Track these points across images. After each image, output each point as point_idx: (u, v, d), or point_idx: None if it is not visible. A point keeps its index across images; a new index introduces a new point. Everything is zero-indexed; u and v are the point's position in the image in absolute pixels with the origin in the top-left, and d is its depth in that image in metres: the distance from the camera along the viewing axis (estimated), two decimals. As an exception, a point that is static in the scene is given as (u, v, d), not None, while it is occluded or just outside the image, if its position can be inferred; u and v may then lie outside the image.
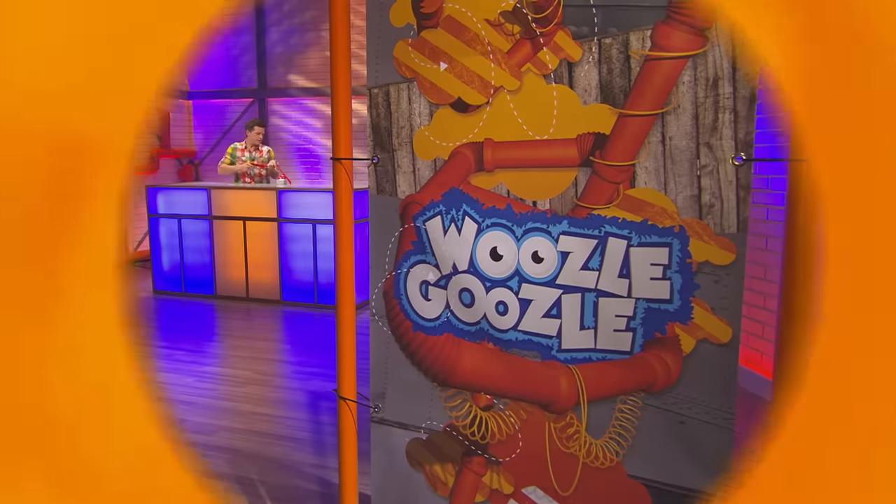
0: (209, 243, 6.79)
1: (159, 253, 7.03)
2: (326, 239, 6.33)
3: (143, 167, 8.80)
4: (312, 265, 6.43)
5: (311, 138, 9.03)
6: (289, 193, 6.46)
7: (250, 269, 6.70)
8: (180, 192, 6.88)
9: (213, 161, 9.61)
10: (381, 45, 1.71)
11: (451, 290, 1.68)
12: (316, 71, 8.87)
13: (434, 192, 1.68)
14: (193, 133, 9.67)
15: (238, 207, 6.65)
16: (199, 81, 9.52)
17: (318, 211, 6.33)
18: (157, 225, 6.98)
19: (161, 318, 6.31)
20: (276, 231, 6.52)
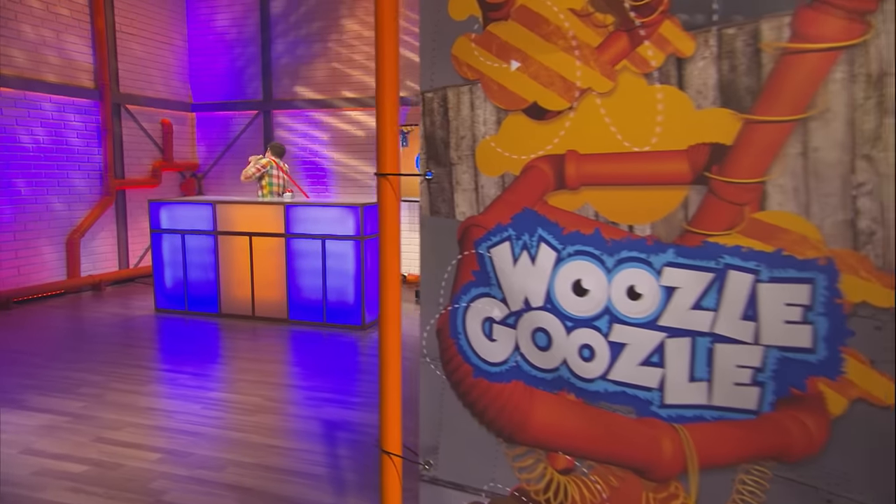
0: (214, 260, 6.49)
1: (162, 269, 6.73)
2: (336, 255, 6.05)
3: (145, 180, 8.53)
4: (321, 282, 6.14)
5: (317, 151, 8.77)
6: (297, 208, 6.18)
7: (256, 287, 6.41)
8: (184, 206, 6.60)
9: (216, 175, 9.33)
10: (437, 42, 1.44)
11: (521, 330, 1.40)
12: (322, 83, 8.63)
13: (502, 213, 1.40)
14: (196, 146, 9.40)
15: (244, 222, 6.37)
16: (202, 93, 9.27)
17: (327, 226, 6.05)
18: (159, 240, 6.70)
19: (163, 338, 6.01)
20: (283, 247, 6.23)
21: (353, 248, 5.97)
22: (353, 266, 6.01)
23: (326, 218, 6.07)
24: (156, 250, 6.72)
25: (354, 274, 6.02)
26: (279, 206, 6.23)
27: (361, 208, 5.91)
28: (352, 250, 5.98)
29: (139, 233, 8.69)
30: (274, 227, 6.25)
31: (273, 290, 6.36)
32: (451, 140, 1.46)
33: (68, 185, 7.72)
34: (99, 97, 7.95)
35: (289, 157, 8.81)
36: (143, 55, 8.60)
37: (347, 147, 8.54)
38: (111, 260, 8.31)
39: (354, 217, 5.94)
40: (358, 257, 5.97)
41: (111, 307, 7.15)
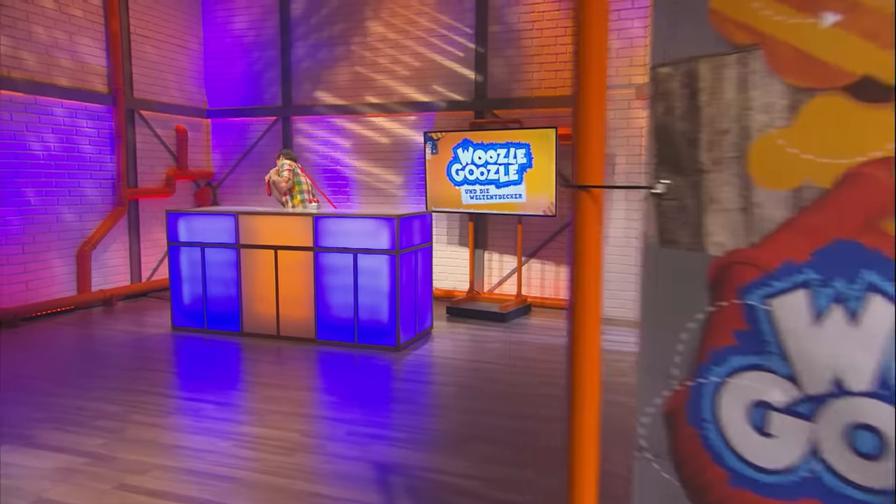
0: (235, 274, 5.98)
1: (179, 285, 6.22)
2: (369, 270, 5.55)
3: (158, 189, 8.04)
4: (352, 300, 5.63)
5: (338, 159, 8.27)
6: (327, 220, 5.67)
7: (282, 304, 5.90)
8: (204, 217, 6.09)
9: (232, 184, 8.83)
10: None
11: (825, 424, 0.90)
12: (345, 87, 8.14)
13: (794, 246, 0.90)
14: (212, 153, 8.90)
15: (269, 235, 5.86)
16: (218, 98, 8.78)
17: (359, 239, 5.55)
18: (177, 254, 6.18)
19: (182, 361, 5.49)
20: (311, 261, 5.73)
21: (388, 263, 5.47)
22: (388, 282, 5.50)
23: (359, 230, 5.57)
24: (173, 264, 6.21)
25: (388, 291, 5.51)
26: (307, 218, 5.73)
27: (397, 220, 5.42)
28: (386, 265, 5.48)
29: (152, 244, 8.18)
30: (301, 240, 5.75)
31: (300, 307, 5.85)
32: (702, 136, 0.97)
33: (79, 195, 7.22)
34: (112, 102, 7.47)
35: (309, 165, 8.32)
36: (157, 59, 8.12)
37: (371, 155, 8.06)
38: (123, 273, 7.80)
39: (389, 229, 5.45)
40: (392, 273, 5.47)
41: (124, 324, 6.63)
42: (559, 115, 7.17)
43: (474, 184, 6.85)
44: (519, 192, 6.61)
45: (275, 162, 7.13)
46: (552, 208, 6.43)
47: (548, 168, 6.41)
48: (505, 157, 6.65)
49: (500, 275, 7.68)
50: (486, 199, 6.81)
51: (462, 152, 6.90)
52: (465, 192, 6.92)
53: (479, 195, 6.84)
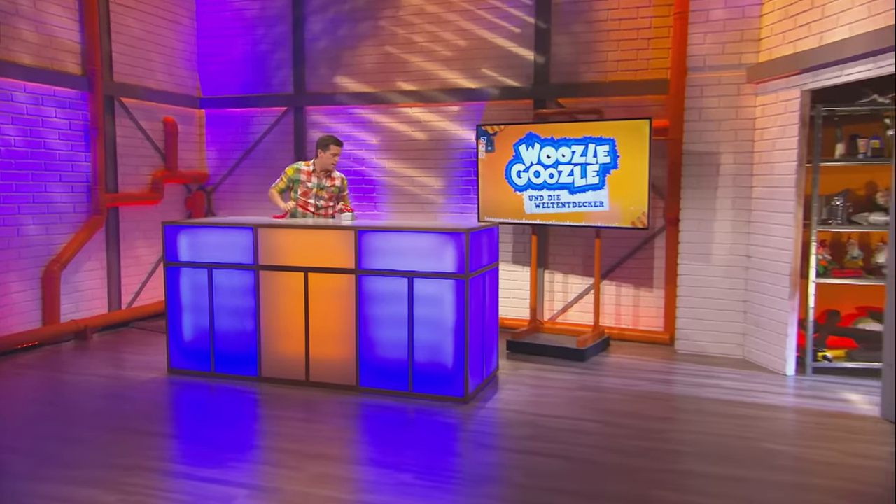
0: (253, 303, 5.14)
1: (178, 316, 5.36)
2: (427, 298, 4.73)
3: (143, 195, 7.18)
4: (406, 336, 4.80)
5: (363, 158, 7.46)
6: (374, 235, 4.85)
7: (314, 342, 5.05)
8: (213, 231, 5.24)
9: (230, 188, 7.98)
10: None
11: None
12: (372, 72, 7.34)
13: None
14: (206, 151, 8.06)
15: (298, 253, 5.02)
16: (214, 85, 7.94)
17: (415, 259, 4.73)
18: (175, 276, 5.33)
19: (180, 418, 4.62)
20: (352, 287, 4.90)
21: (454, 289, 4.66)
22: (453, 314, 4.68)
23: (416, 248, 4.75)
24: (171, 289, 5.35)
25: (454, 325, 4.69)
26: (347, 232, 4.90)
27: (467, 235, 4.61)
28: (451, 293, 4.67)
29: (134, 262, 7.29)
30: (340, 260, 4.92)
31: (337, 345, 5.00)
32: None
33: (46, 201, 6.33)
34: (87, 87, 6.60)
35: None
36: (141, 34, 7.26)
37: (403, 154, 7.29)
38: (99, 298, 6.90)
39: (456, 247, 4.63)
40: (460, 302, 4.65)
41: (104, 365, 5.73)
42: (640, 104, 6.42)
43: (541, 188, 6.07)
44: (599, 199, 5.83)
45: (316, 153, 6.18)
46: (644, 219, 5.65)
47: (638, 169, 5.64)
48: (582, 156, 5.87)
49: (563, 299, 6.88)
50: (555, 208, 6.03)
51: (526, 150, 6.11)
52: (529, 199, 6.14)
53: (548, 203, 6.06)
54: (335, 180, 6.18)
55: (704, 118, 5.79)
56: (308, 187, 6.06)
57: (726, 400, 4.80)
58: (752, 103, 5.65)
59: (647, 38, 6.38)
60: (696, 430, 4.23)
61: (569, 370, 5.57)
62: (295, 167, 6.07)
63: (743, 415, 4.50)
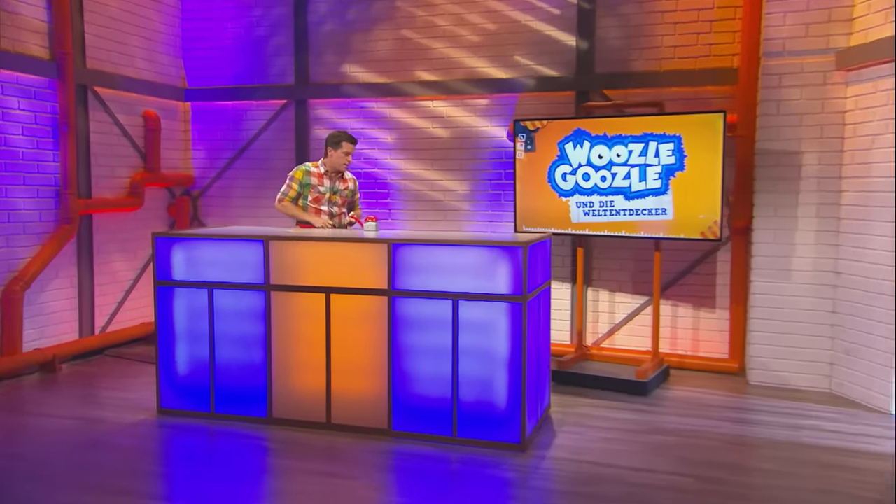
0: (263, 330, 4.62)
1: (171, 345, 4.82)
2: (475, 325, 4.26)
3: (120, 200, 6.62)
4: (450, 369, 4.31)
5: (375, 158, 6.98)
6: (411, 248, 4.34)
7: (336, 376, 4.54)
8: (214, 244, 4.73)
9: (221, 192, 7.47)
10: None
11: None
12: (386, 59, 6.88)
13: None
14: (192, 150, 7.55)
15: (318, 270, 4.52)
16: (202, 74, 7.43)
17: (461, 277, 4.26)
18: (168, 298, 4.79)
19: (174, 473, 4.07)
20: (384, 311, 4.40)
21: (508, 313, 4.18)
22: (507, 343, 4.20)
23: (462, 264, 4.27)
24: (163, 314, 4.81)
25: (508, 356, 4.21)
26: (379, 246, 4.39)
27: (525, 249, 4.12)
28: (504, 318, 4.18)
29: (109, 279, 6.72)
30: (370, 279, 4.42)
31: (365, 380, 4.50)
32: None
33: (7, 208, 5.75)
34: (56, 74, 6.04)
35: None
36: (118, 14, 6.72)
37: (422, 153, 6.86)
38: (69, 322, 6.32)
39: (512, 263, 4.15)
40: (516, 329, 4.17)
41: (77, 405, 5.17)
42: (699, 97, 6.03)
43: (591, 193, 5.62)
44: (662, 206, 5.38)
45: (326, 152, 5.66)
46: (716, 228, 5.19)
47: (709, 171, 5.20)
48: (641, 156, 5.42)
49: (609, 320, 6.42)
50: (608, 216, 5.59)
51: (573, 149, 5.66)
52: (577, 206, 5.69)
53: (599, 210, 5.61)
54: (348, 182, 5.71)
55: (783, 111, 5.35)
56: (320, 192, 5.56)
57: (834, 447, 4.31)
58: (843, 94, 5.21)
59: (710, 20, 5.97)
60: (808, 487, 3.75)
61: (631, 407, 5.08)
62: (304, 169, 5.57)
63: (860, 467, 4.02)
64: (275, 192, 6.97)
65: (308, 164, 5.62)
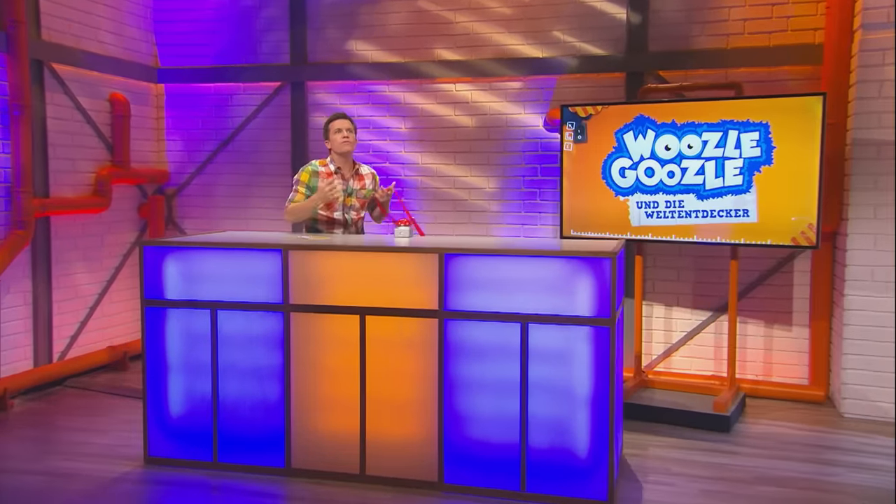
0: (280, 360, 4.13)
1: (163, 378, 4.31)
2: (547, 354, 3.79)
3: (83, 200, 6.04)
4: (518, 408, 3.83)
5: (387, 151, 6.54)
6: (467, 260, 3.87)
7: (373, 415, 4.05)
8: (218, 255, 4.23)
9: (201, 190, 6.96)
10: None
11: None
12: (399, 35, 6.46)
13: None
14: (167, 141, 7.03)
15: (350, 286, 4.05)
16: (178, 52, 6.93)
17: (530, 296, 3.79)
18: (159, 321, 4.26)
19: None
20: (434, 335, 3.92)
21: (591, 339, 3.73)
22: (589, 376, 3.74)
23: (533, 279, 3.82)
24: (152, 341, 4.29)
25: (591, 392, 3.75)
26: (427, 257, 3.90)
27: (613, 261, 3.65)
28: (586, 344, 3.73)
29: (71, 295, 6.12)
30: (416, 297, 3.94)
31: (409, 421, 4.02)
32: None
33: (-48, 210, 5.12)
34: (5, 46, 5.46)
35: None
36: (81, -21, 6.12)
37: (443, 145, 6.46)
38: (22, 347, 5.74)
39: (596, 277, 3.70)
40: (601, 358, 3.71)
41: (37, 454, 4.59)
42: (773, 78, 5.68)
43: (655, 192, 5.22)
44: (744, 207, 4.98)
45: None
46: (811, 233, 4.78)
47: (804, 165, 4.80)
48: (718, 147, 5.02)
49: (665, 339, 6.02)
50: (676, 218, 5.18)
51: (634, 139, 5.25)
52: (637, 207, 5.28)
53: (665, 211, 5.20)
54: (364, 179, 5.18)
55: (886, 94, 4.96)
56: (335, 193, 5.02)
57: None
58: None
59: (786, -10, 5.60)
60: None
61: (716, 447, 4.63)
62: (310, 169, 5.05)
63: None
64: (266, 190, 6.56)
65: (315, 163, 5.10)
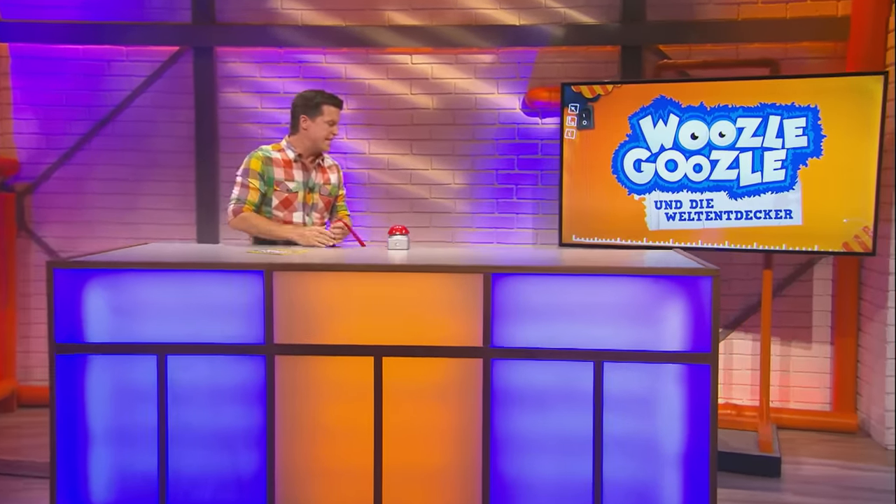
0: (260, 419, 3.51)
1: (82, 451, 3.54)
2: (632, 400, 3.40)
3: None
4: (591, 472, 3.40)
5: (326, 137, 5.96)
6: (520, 281, 3.43)
7: (392, 489, 3.52)
8: (169, 278, 3.53)
9: (65, 187, 6.13)
10: None
11: None
12: (340, -10, 5.93)
13: None
14: (14, 120, 6.08)
15: (360, 318, 3.49)
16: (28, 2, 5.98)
17: (603, 325, 3.39)
18: (78, 373, 3.53)
19: None
20: (477, 380, 3.44)
21: (681, 380, 3.36)
22: (680, 428, 3.37)
23: (605, 304, 3.43)
24: (67, 399, 3.53)
25: (682, 449, 3.37)
26: (466, 278, 3.44)
27: (715, 281, 3.32)
28: (675, 388, 3.37)
29: None
30: (452, 331, 3.44)
31: (441, 495, 3.51)
32: None
33: None
34: None
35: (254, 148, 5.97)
36: None
37: (396, 130, 6.01)
38: None
39: (690, 301, 3.35)
40: (697, 404, 3.35)
41: None
42: (789, 56, 5.58)
43: (678, 189, 4.98)
44: (786, 207, 4.82)
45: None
46: (866, 238, 4.65)
47: (859, 156, 4.66)
48: (756, 136, 4.83)
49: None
50: (704, 221, 4.97)
51: (653, 126, 4.99)
52: (656, 207, 5.03)
53: (691, 212, 4.99)
54: (329, 173, 4.64)
55: (933, 78, 4.94)
56: (290, 190, 4.41)
57: None
58: None
59: (808, -49, 5.58)
60: None
61: (776, 498, 4.38)
62: (262, 156, 4.44)
63: None
64: (161, 186, 6.06)
65: (267, 148, 4.49)
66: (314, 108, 4.41)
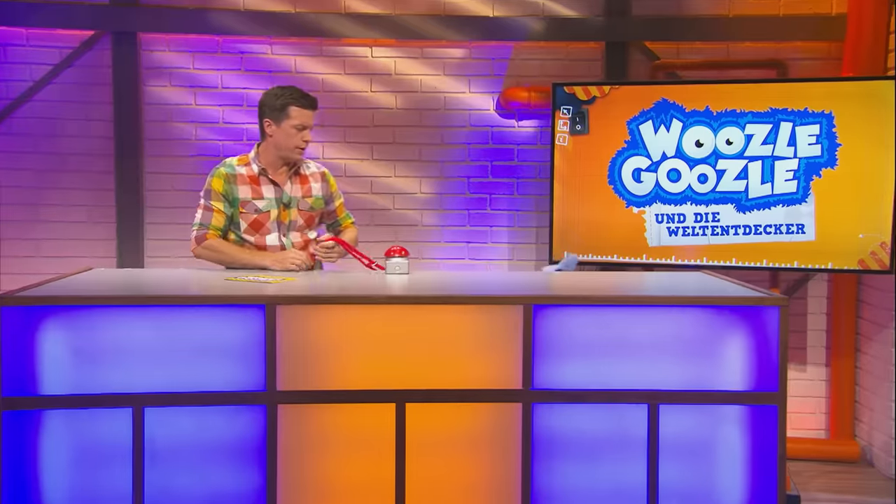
0: (259, 480, 3.35)
1: None
2: (690, 446, 3.41)
3: None
4: None
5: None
6: (566, 313, 3.41)
7: None
8: (147, 315, 3.33)
9: None
10: None
11: None
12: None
13: None
14: None
15: (379, 360, 3.39)
16: None
17: (657, 363, 3.37)
18: (30, 431, 3.30)
19: None
20: (515, 427, 3.39)
21: (743, 424, 3.38)
22: (742, 476, 3.37)
23: (659, 339, 3.39)
24: (14, 462, 3.28)
25: (746, 499, 3.37)
26: (503, 310, 3.36)
27: (784, 312, 3.36)
28: (737, 432, 3.38)
29: None
30: (484, 372, 3.39)
31: None
32: None
33: None
34: None
35: (190, 152, 5.97)
36: None
37: (355, 132, 5.99)
38: None
39: (754, 335, 3.36)
40: (759, 450, 3.36)
41: None
42: (783, 56, 5.71)
43: (681, 201, 5.11)
44: (798, 221, 4.96)
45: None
46: (883, 253, 4.81)
47: (877, 167, 4.81)
48: (766, 144, 4.96)
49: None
50: (709, 236, 5.09)
51: (654, 132, 5.12)
52: (657, 221, 5.15)
53: (695, 227, 5.11)
54: (311, 182, 4.35)
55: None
56: (260, 210, 4.14)
57: None
58: None
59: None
60: None
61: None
62: (224, 172, 4.19)
63: None
64: (71, 195, 5.89)
65: (230, 162, 4.24)
66: (279, 110, 4.12)
